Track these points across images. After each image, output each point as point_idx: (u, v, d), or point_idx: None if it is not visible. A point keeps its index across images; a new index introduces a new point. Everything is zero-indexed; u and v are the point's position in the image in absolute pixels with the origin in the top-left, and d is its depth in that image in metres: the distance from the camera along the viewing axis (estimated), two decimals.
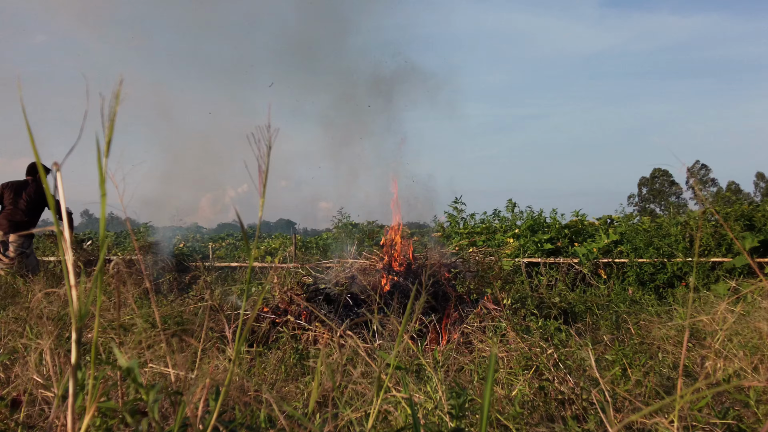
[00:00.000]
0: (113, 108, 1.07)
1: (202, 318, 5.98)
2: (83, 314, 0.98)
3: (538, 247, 11.79)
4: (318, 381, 1.48)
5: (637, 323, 5.63)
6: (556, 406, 3.31)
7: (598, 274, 10.95)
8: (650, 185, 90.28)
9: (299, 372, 4.92)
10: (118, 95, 1.06)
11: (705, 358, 3.98)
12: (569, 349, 4.01)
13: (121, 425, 1.81)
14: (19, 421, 2.26)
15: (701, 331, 4.98)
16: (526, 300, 7.05)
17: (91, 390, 1.10)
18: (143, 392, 1.26)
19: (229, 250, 16.90)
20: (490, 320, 5.70)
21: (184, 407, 1.45)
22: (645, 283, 10.61)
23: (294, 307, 6.83)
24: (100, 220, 1.09)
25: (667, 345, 4.80)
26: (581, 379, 3.42)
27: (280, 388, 4.15)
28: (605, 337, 4.82)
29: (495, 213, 14.31)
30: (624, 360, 3.89)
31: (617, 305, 7.45)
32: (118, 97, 1.07)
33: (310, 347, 5.63)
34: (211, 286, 9.47)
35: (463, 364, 4.61)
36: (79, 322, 0.98)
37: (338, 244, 14.57)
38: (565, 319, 6.80)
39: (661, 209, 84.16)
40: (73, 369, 0.99)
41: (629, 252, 11.07)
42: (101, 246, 1.08)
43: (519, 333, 4.41)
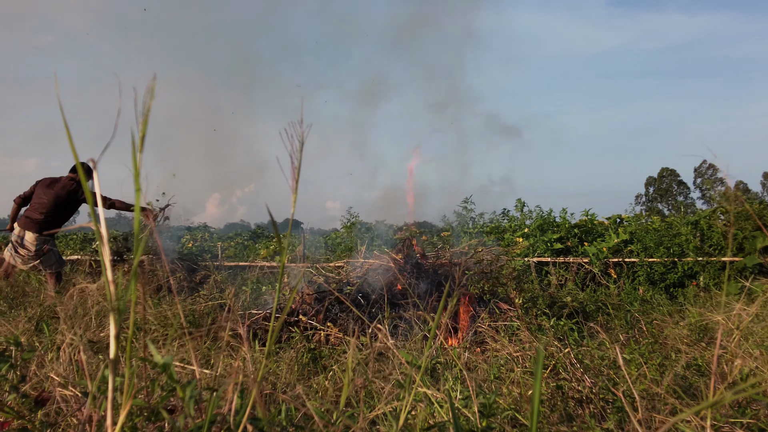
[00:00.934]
0: (147, 103, 1.06)
1: (213, 317, 5.99)
2: (121, 308, 0.98)
3: (548, 246, 11.76)
4: (349, 377, 1.48)
5: (650, 322, 5.61)
6: (573, 406, 3.30)
7: (609, 273, 10.91)
8: (657, 185, 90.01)
9: (312, 371, 4.92)
10: (152, 90, 1.06)
11: (721, 357, 3.96)
12: (586, 348, 3.99)
13: (146, 422, 1.81)
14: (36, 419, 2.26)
15: (714, 330, 4.96)
16: (537, 300, 7.03)
17: (128, 384, 1.10)
18: (179, 389, 1.25)
19: (238, 250, 16.90)
20: (502, 320, 5.69)
21: (214, 404, 1.45)
22: (655, 282, 10.58)
23: (305, 306, 6.83)
24: (135, 214, 1.09)
25: (681, 344, 4.78)
26: (599, 378, 3.41)
27: (294, 387, 4.15)
28: (621, 336, 4.80)
29: (504, 212, 14.30)
30: (641, 359, 3.87)
31: (629, 305, 7.42)
32: (153, 92, 1.07)
33: (323, 347, 5.63)
34: (221, 285, 9.49)
35: (476, 363, 4.60)
36: (118, 316, 0.98)
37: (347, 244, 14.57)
38: (577, 319, 6.78)
39: (668, 209, 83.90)
40: (112, 363, 0.99)
41: (639, 251, 11.03)
42: (135, 241, 1.07)
43: (533, 332, 4.40)
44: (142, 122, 1.07)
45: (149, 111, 1.07)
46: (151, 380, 1.85)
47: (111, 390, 1.00)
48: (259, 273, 12.24)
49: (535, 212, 13.44)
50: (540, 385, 0.85)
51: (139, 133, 1.08)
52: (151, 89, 1.07)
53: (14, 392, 1.78)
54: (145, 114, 1.07)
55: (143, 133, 1.07)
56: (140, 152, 1.07)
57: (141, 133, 1.08)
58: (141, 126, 1.08)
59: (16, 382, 1.85)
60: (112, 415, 1.02)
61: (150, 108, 1.07)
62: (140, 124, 1.08)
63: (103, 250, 1.05)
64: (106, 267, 1.04)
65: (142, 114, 1.07)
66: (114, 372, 1.03)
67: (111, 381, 1.00)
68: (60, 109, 1.11)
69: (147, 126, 1.08)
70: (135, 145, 1.07)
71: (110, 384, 1.00)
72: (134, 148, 1.06)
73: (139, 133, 1.08)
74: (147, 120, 1.07)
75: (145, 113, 1.07)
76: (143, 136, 1.07)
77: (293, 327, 6.28)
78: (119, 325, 1.03)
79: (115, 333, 1.01)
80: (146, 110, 1.07)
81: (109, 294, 1.02)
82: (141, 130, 1.08)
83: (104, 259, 1.04)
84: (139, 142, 1.07)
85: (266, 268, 12.81)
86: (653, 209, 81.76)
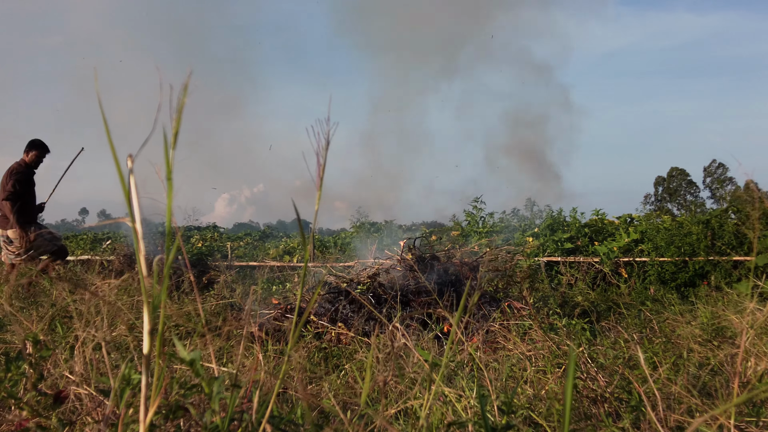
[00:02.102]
0: (181, 100, 1.07)
1: (224, 317, 6.00)
2: (156, 305, 0.99)
3: (558, 246, 11.74)
4: (369, 375, 1.48)
5: (663, 322, 5.60)
6: (588, 405, 3.29)
7: (619, 273, 10.89)
8: (667, 184, 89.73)
9: (323, 370, 4.93)
10: (186, 87, 1.07)
11: (735, 356, 3.95)
12: (599, 347, 3.99)
13: (164, 420, 1.82)
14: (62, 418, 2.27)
15: (727, 329, 4.94)
16: (548, 299, 7.02)
17: (157, 380, 1.11)
18: (205, 384, 1.26)
19: (248, 250, 16.94)
20: (514, 319, 5.68)
21: (234, 400, 1.46)
22: (666, 282, 10.54)
23: (316, 306, 6.83)
24: (167, 212, 1.09)
25: (693, 344, 4.77)
26: (614, 377, 3.40)
27: (307, 386, 4.15)
28: (634, 335, 4.78)
29: (514, 212, 14.29)
30: (654, 358, 3.87)
31: (641, 304, 7.40)
32: (186, 89, 1.07)
33: (334, 346, 5.64)
34: (231, 285, 9.50)
35: (488, 362, 4.60)
36: (152, 312, 0.99)
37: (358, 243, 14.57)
38: (589, 318, 6.77)
39: (677, 208, 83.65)
40: (146, 360, 1.00)
41: (650, 251, 10.99)
42: (167, 237, 1.08)
43: (546, 332, 4.40)
44: (175, 119, 1.08)
45: (183, 107, 1.08)
46: (171, 377, 1.86)
47: (144, 386, 1.01)
48: (269, 273, 12.27)
49: (545, 212, 13.41)
50: (572, 385, 0.86)
51: (172, 130, 1.09)
52: (185, 86, 1.07)
53: (33, 390, 1.79)
54: (179, 110, 1.08)
55: (176, 129, 1.08)
56: (173, 149, 1.08)
57: (174, 129, 1.08)
58: (174, 123, 1.08)
59: (34, 380, 1.86)
60: (144, 411, 1.03)
61: (184, 105, 1.08)
62: (174, 120, 1.08)
63: (138, 247, 1.05)
64: (142, 263, 1.05)
65: (176, 111, 1.08)
66: (147, 368, 1.04)
67: (144, 377, 1.01)
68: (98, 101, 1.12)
69: (180, 123, 1.09)
70: (168, 141, 1.07)
71: (144, 380, 1.00)
72: (166, 144, 1.07)
73: (172, 129, 1.09)
74: (180, 116, 1.08)
75: (179, 109, 1.08)
76: (176, 132, 1.08)
77: (306, 326, 6.29)
78: (153, 321, 1.04)
79: (150, 328, 1.02)
80: (180, 107, 1.08)
81: (144, 289, 1.03)
82: (174, 126, 1.08)
83: (139, 256, 1.05)
84: (172, 138, 1.08)
85: (276, 268, 12.84)
86: (663, 209, 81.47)
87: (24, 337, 1.91)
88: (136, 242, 1.03)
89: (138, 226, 1.06)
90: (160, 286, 1.10)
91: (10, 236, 8.78)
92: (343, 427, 1.88)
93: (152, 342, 1.04)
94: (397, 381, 3.17)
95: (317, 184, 1.35)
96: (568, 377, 0.86)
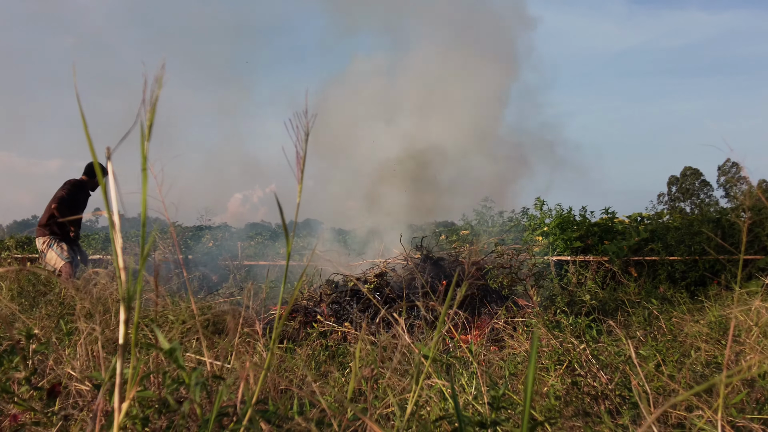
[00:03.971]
0: (155, 93, 1.08)
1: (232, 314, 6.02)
2: (131, 295, 0.99)
3: (568, 245, 11.70)
4: (356, 367, 1.49)
5: (669, 320, 5.57)
6: (589, 402, 3.29)
7: (629, 272, 10.83)
8: (680, 183, 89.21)
9: (328, 369, 4.93)
10: (160, 80, 1.08)
11: (740, 353, 3.92)
12: (602, 344, 3.97)
13: (157, 415, 1.83)
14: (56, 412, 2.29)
15: (735, 327, 4.91)
16: (556, 297, 7.00)
17: (132, 371, 1.11)
18: (185, 375, 1.26)
19: (258, 249, 16.98)
20: (520, 317, 5.67)
21: (221, 394, 1.46)
22: (676, 281, 10.48)
23: (323, 305, 6.84)
24: (141, 204, 1.10)
25: (700, 342, 4.74)
26: (615, 374, 3.39)
27: (310, 383, 4.16)
28: (638, 333, 4.76)
29: (524, 211, 14.23)
30: (658, 356, 3.85)
31: (649, 302, 7.36)
32: (161, 81, 1.08)
33: (340, 345, 5.64)
34: (240, 283, 9.54)
35: (492, 361, 4.59)
36: (128, 302, 0.99)
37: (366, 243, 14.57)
38: (596, 317, 6.75)
39: (691, 208, 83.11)
40: (122, 349, 1.00)
41: (660, 250, 10.93)
42: (142, 228, 1.09)
43: (550, 329, 4.38)
44: (149, 111, 1.09)
45: (157, 100, 1.09)
46: (164, 373, 1.87)
47: (119, 375, 1.02)
48: (279, 272, 12.29)
49: (555, 210, 13.36)
50: (534, 368, 0.86)
51: (147, 122, 1.09)
52: (158, 79, 1.08)
53: (26, 384, 1.80)
54: (153, 103, 1.08)
55: (150, 121, 1.09)
56: (147, 141, 1.09)
57: (149, 121, 1.09)
58: (149, 115, 1.09)
59: (28, 374, 1.87)
60: (119, 401, 1.04)
61: (158, 97, 1.09)
62: (148, 112, 1.09)
63: (115, 237, 1.06)
64: (118, 253, 1.06)
65: (150, 104, 1.08)
66: (123, 358, 1.05)
67: (119, 366, 1.02)
68: (77, 99, 1.12)
69: (154, 115, 1.09)
70: (143, 133, 1.08)
71: (118, 369, 1.01)
72: (142, 136, 1.08)
73: (147, 122, 1.09)
74: (154, 109, 1.09)
75: (153, 102, 1.08)
76: (150, 124, 1.09)
77: (313, 325, 6.30)
78: (129, 311, 1.04)
79: (125, 318, 1.03)
80: (154, 100, 1.08)
81: (120, 280, 1.04)
82: (149, 118, 1.09)
83: (116, 245, 1.06)
84: (147, 131, 1.09)
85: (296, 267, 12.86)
86: (676, 208, 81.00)
87: (17, 332, 1.92)
88: (112, 233, 1.04)
89: (115, 217, 1.07)
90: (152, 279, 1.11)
91: (38, 246, 8.94)
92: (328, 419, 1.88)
93: (127, 331, 1.04)
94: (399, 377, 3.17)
95: (297, 176, 1.35)
96: (530, 363, 0.85)
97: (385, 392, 3.13)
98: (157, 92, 1.08)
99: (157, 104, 1.09)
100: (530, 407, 0.87)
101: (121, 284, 1.03)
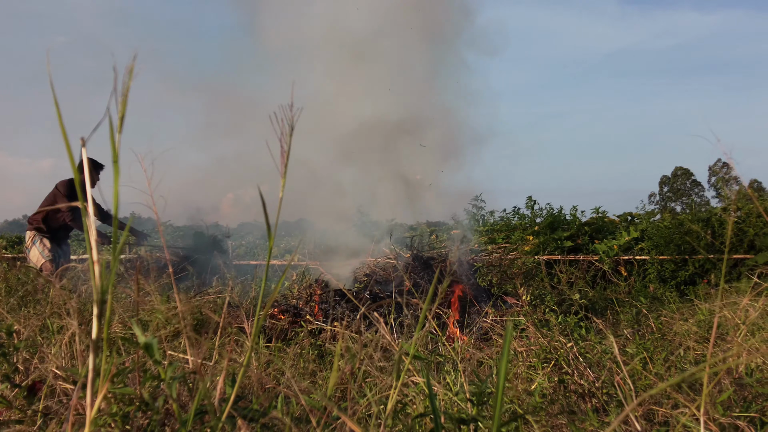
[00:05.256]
0: (127, 84, 1.06)
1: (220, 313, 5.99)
2: (104, 289, 0.98)
3: (558, 244, 11.71)
4: (336, 364, 1.48)
5: (658, 318, 5.58)
6: (575, 400, 3.28)
7: (619, 271, 10.86)
8: (671, 183, 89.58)
9: (317, 368, 4.92)
10: (131, 71, 1.06)
11: (730, 354, 3.93)
12: (589, 342, 3.98)
13: (139, 413, 1.81)
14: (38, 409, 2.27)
15: (723, 326, 4.92)
16: (545, 297, 7.00)
17: (104, 369, 1.10)
18: (161, 370, 1.25)
19: (249, 248, 16.95)
20: (508, 315, 5.67)
21: (202, 391, 1.45)
22: (666, 280, 10.51)
23: (312, 304, 6.83)
24: (113, 198, 1.09)
25: (689, 341, 4.74)
26: (602, 372, 3.39)
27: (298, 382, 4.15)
28: (626, 331, 4.77)
29: (515, 210, 14.24)
30: (645, 354, 3.85)
31: (638, 301, 7.38)
32: (132, 72, 1.06)
33: (328, 344, 5.63)
34: (230, 282, 9.51)
35: (481, 359, 4.59)
36: (101, 296, 0.98)
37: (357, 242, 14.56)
38: (586, 316, 6.75)
39: (682, 207, 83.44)
40: (94, 344, 0.99)
41: (650, 249, 10.96)
42: (114, 220, 1.07)
43: (538, 328, 4.38)
44: (121, 102, 1.07)
45: (128, 91, 1.07)
46: (144, 370, 1.85)
47: (91, 370, 1.00)
48: (271, 271, 12.27)
49: (546, 210, 13.37)
50: (506, 361, 0.85)
51: (118, 114, 1.08)
52: (130, 70, 1.06)
53: (6, 381, 1.78)
54: (124, 94, 1.07)
55: (122, 113, 1.07)
56: (119, 133, 1.07)
57: (120, 113, 1.08)
58: (120, 106, 1.08)
59: (9, 371, 1.85)
60: (91, 397, 1.02)
61: (129, 88, 1.07)
62: (120, 104, 1.08)
63: (89, 229, 1.04)
64: (92, 246, 1.04)
65: (122, 94, 1.07)
66: (95, 353, 1.03)
67: (91, 362, 1.00)
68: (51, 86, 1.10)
69: (126, 106, 1.08)
70: (113, 126, 1.06)
71: (90, 364, 1.00)
72: (112, 128, 1.06)
73: (118, 113, 1.08)
74: (126, 100, 1.07)
75: (124, 93, 1.07)
76: (122, 116, 1.07)
77: (302, 324, 6.29)
78: (101, 305, 1.03)
79: (98, 312, 1.01)
80: (125, 90, 1.07)
81: (93, 274, 1.02)
82: (120, 110, 1.08)
83: (90, 239, 1.04)
84: (119, 122, 1.07)
85: (276, 266, 12.85)
86: (667, 208, 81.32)
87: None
88: (85, 225, 1.02)
89: (90, 208, 1.05)
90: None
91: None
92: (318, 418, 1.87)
93: (100, 326, 1.03)
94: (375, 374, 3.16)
95: (281, 171, 1.34)
96: (503, 357, 0.85)
97: (371, 390, 3.13)
98: (129, 83, 1.07)
99: (128, 95, 1.08)
100: (502, 401, 0.86)
101: (95, 279, 1.02)
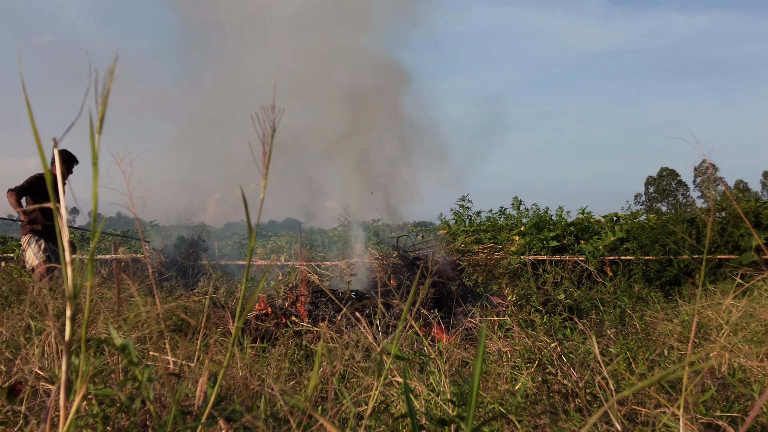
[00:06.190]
0: (107, 85, 1.06)
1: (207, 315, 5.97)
2: (77, 290, 0.98)
3: (544, 244, 11.76)
4: (318, 364, 1.48)
5: (641, 318, 5.60)
6: (559, 400, 3.30)
7: (604, 271, 10.91)
8: (657, 184, 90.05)
9: (302, 368, 4.91)
10: (112, 71, 1.06)
11: (710, 351, 3.95)
12: (573, 342, 3.99)
13: (120, 414, 1.80)
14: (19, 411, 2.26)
15: (707, 326, 4.95)
16: (531, 297, 7.03)
17: (81, 370, 1.09)
18: (138, 371, 1.25)
19: (236, 248, 16.92)
20: (494, 315, 5.69)
21: (181, 391, 1.44)
22: (651, 280, 10.56)
23: (298, 305, 6.83)
24: (92, 197, 1.08)
25: (672, 341, 4.77)
26: (585, 372, 3.41)
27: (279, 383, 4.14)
28: (609, 332, 4.79)
29: (501, 211, 14.29)
30: (628, 354, 3.87)
31: (622, 301, 7.42)
32: (113, 73, 1.06)
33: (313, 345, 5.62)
34: (216, 283, 9.48)
35: (467, 360, 4.60)
36: (74, 298, 0.98)
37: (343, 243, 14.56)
38: (571, 316, 6.78)
39: (667, 208, 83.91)
40: (67, 346, 0.98)
41: (635, 249, 11.02)
42: (93, 223, 1.07)
43: (523, 328, 4.40)
44: (101, 103, 1.07)
45: (109, 92, 1.07)
46: (125, 371, 1.85)
47: (64, 372, 1.00)
48: (256, 272, 12.25)
49: (532, 210, 13.42)
50: (481, 360, 0.85)
51: (98, 114, 1.07)
52: (111, 71, 1.06)
53: None
54: (104, 95, 1.07)
55: (102, 114, 1.07)
56: (99, 134, 1.07)
57: (100, 114, 1.07)
58: (100, 107, 1.07)
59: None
60: (64, 398, 1.02)
61: (110, 89, 1.07)
62: (100, 105, 1.07)
63: (62, 229, 1.04)
64: (65, 248, 1.04)
65: (102, 95, 1.07)
66: (68, 355, 1.03)
67: (65, 364, 1.00)
68: (22, 87, 1.10)
69: (106, 107, 1.07)
70: (93, 126, 1.06)
71: (63, 366, 0.99)
72: (92, 129, 1.06)
73: (98, 114, 1.08)
74: (106, 101, 1.07)
75: (104, 94, 1.07)
76: (102, 117, 1.07)
77: (288, 324, 6.28)
78: (74, 306, 1.02)
79: (71, 314, 1.01)
80: (106, 92, 1.06)
81: (66, 276, 1.02)
82: (100, 111, 1.07)
83: (63, 239, 1.04)
84: (98, 123, 1.07)
85: (263, 267, 12.83)
86: (653, 209, 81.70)
87: None
88: (57, 226, 1.02)
89: (62, 209, 1.05)
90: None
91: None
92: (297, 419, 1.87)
93: (73, 328, 1.03)
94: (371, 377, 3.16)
95: (263, 172, 1.34)
96: (477, 356, 0.85)
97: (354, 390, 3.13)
98: (109, 84, 1.07)
99: (108, 96, 1.07)
100: (476, 401, 0.87)
101: (67, 280, 1.02)
